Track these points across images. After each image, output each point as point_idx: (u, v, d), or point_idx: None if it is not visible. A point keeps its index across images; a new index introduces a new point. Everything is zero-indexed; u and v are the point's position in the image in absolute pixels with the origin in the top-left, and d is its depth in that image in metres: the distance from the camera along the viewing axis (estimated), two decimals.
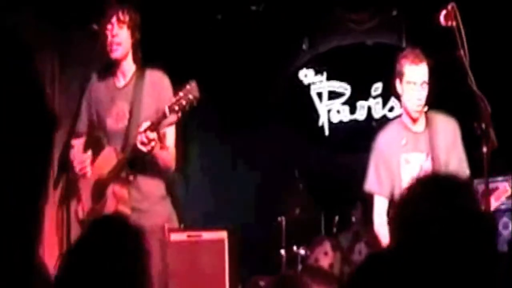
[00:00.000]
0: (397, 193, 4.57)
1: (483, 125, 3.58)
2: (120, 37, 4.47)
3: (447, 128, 4.57)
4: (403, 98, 4.55)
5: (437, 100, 4.67)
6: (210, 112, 7.65)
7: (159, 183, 4.61)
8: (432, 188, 2.14)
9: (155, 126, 4.27)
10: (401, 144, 4.60)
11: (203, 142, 7.77)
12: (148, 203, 4.54)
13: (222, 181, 7.62)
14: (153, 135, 4.25)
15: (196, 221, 6.76)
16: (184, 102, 4.17)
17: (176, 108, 4.19)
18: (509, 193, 4.74)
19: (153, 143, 4.27)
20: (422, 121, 4.57)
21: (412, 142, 4.58)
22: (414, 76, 4.43)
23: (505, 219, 5.72)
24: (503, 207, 5.32)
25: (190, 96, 4.16)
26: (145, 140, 4.24)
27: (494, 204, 4.56)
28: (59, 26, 6.46)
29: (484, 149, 3.50)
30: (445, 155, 4.49)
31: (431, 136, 4.50)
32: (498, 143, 3.98)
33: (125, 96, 4.56)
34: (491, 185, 4.36)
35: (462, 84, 4.15)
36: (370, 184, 4.72)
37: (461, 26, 3.74)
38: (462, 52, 3.83)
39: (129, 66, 4.59)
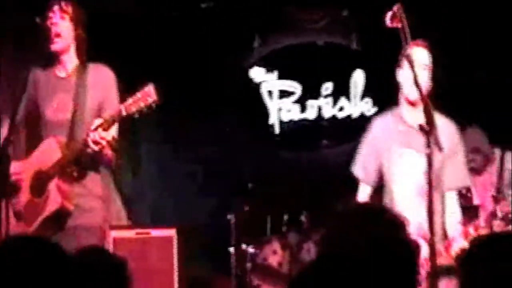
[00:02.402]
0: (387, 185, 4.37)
1: (426, 127, 3.59)
2: (61, 27, 4.42)
3: (447, 131, 4.19)
4: (404, 84, 4.28)
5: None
6: (159, 110, 7.61)
7: (105, 180, 4.57)
8: (357, 222, 2.31)
9: (109, 125, 4.23)
10: (396, 133, 4.34)
11: (152, 138, 7.73)
12: (93, 201, 4.49)
13: (171, 178, 7.59)
14: (105, 134, 4.21)
15: (144, 219, 6.73)
16: (142, 104, 4.15)
17: (134, 109, 4.16)
18: None
19: (104, 142, 4.23)
20: (420, 116, 3.88)
21: (407, 136, 4.27)
22: (418, 57, 4.20)
23: None
24: None
25: (149, 99, 4.14)
26: (98, 139, 4.21)
27: None
28: (4, 14, 6.35)
29: (428, 150, 3.52)
30: (441, 162, 4.13)
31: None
32: None
33: (67, 87, 4.48)
34: None
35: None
36: (357, 169, 4.50)
37: (406, 27, 3.77)
38: (408, 52, 3.86)
39: (70, 59, 4.53)
